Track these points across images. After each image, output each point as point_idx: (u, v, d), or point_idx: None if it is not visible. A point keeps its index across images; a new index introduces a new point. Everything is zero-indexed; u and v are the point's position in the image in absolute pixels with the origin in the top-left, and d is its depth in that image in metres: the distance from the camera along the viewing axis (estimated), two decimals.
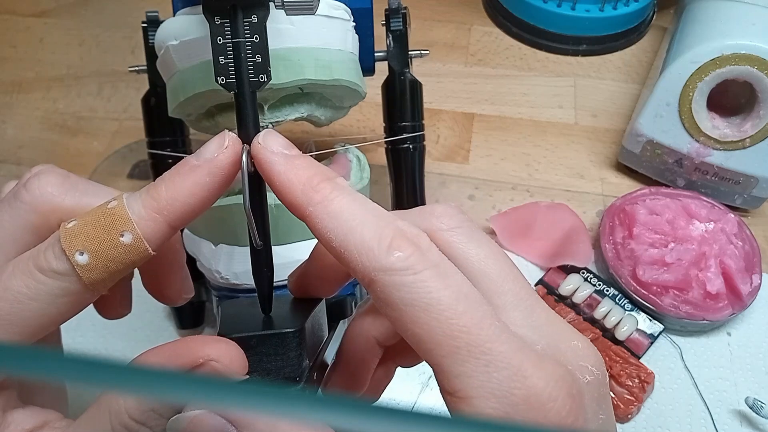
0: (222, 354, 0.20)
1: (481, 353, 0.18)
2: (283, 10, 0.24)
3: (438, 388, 0.19)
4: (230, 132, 0.22)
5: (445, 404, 0.19)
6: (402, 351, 0.25)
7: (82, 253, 0.20)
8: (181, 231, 0.35)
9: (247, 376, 0.21)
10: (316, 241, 0.32)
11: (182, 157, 0.44)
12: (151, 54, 0.38)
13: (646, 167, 0.51)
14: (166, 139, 0.40)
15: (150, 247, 0.21)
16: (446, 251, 0.20)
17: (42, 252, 0.21)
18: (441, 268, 0.19)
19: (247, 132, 0.23)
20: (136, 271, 0.26)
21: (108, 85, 0.61)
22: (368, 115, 0.57)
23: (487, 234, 0.22)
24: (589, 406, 0.19)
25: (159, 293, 0.26)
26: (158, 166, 0.41)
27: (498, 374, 0.18)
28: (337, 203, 0.20)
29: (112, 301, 0.26)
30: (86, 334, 0.42)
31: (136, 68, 0.40)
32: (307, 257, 0.25)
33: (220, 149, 0.21)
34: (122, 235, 0.20)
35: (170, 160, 0.40)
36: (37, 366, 0.11)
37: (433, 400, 0.40)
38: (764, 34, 0.45)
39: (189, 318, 0.43)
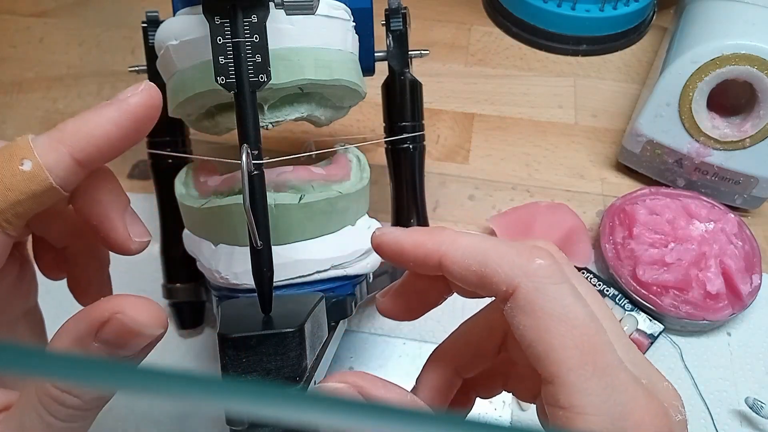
0: (129, 306, 0.20)
1: (605, 374, 0.19)
2: (283, 10, 0.25)
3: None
4: (150, 81, 0.22)
5: (538, 416, 0.21)
6: (481, 382, 0.26)
7: None
8: (180, 230, 0.35)
9: (163, 331, 0.21)
10: (316, 241, 0.32)
11: (182, 158, 0.43)
12: (151, 54, 0.38)
13: (646, 167, 0.51)
14: (166, 139, 0.40)
15: (51, 176, 0.21)
16: None
17: None
18: (575, 286, 0.20)
19: (247, 132, 0.23)
20: (113, 260, 0.25)
21: (108, 85, 0.61)
22: (368, 115, 0.57)
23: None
24: None
25: (108, 242, 0.24)
26: (158, 166, 0.41)
27: (618, 397, 0.19)
28: (465, 237, 0.22)
29: (87, 287, 0.27)
30: None
31: (136, 68, 0.40)
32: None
33: (133, 91, 0.22)
34: (22, 164, 0.20)
35: (170, 160, 0.40)
36: None
37: None
38: (764, 34, 0.45)
39: (189, 318, 0.43)
